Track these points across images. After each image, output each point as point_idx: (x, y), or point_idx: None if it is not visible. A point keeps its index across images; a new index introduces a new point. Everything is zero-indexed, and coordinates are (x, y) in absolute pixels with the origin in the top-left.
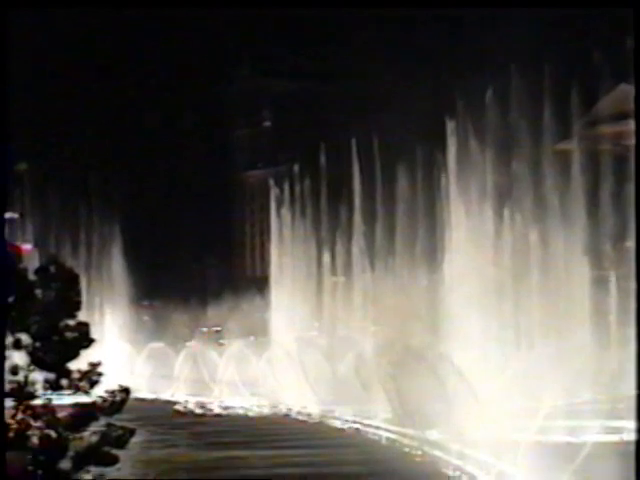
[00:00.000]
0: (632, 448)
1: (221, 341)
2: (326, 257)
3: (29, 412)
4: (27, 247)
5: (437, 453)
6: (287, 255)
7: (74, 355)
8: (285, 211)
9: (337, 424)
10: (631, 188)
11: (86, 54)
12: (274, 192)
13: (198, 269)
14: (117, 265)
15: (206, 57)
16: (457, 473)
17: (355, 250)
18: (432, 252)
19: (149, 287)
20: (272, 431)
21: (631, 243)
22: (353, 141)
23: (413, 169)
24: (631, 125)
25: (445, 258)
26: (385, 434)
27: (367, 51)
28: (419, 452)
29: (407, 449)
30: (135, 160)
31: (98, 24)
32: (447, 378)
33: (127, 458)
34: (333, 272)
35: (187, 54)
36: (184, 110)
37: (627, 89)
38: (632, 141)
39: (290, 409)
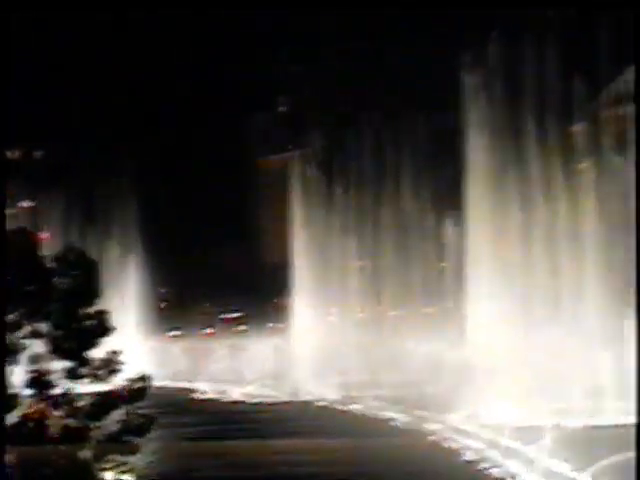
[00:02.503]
0: None
1: (240, 327)
2: (346, 242)
3: (49, 401)
4: (45, 235)
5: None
6: (307, 240)
7: (94, 343)
8: (304, 196)
9: (359, 409)
10: None
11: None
12: (293, 177)
13: (215, 256)
14: (133, 251)
15: (220, 40)
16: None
17: (375, 235)
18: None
19: (166, 273)
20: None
21: None
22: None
23: (434, 149)
24: None
25: (467, 238)
26: (403, 418)
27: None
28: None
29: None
30: (150, 147)
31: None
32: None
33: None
34: (353, 257)
35: (200, 38)
36: (197, 95)
37: None
38: None
39: (310, 396)
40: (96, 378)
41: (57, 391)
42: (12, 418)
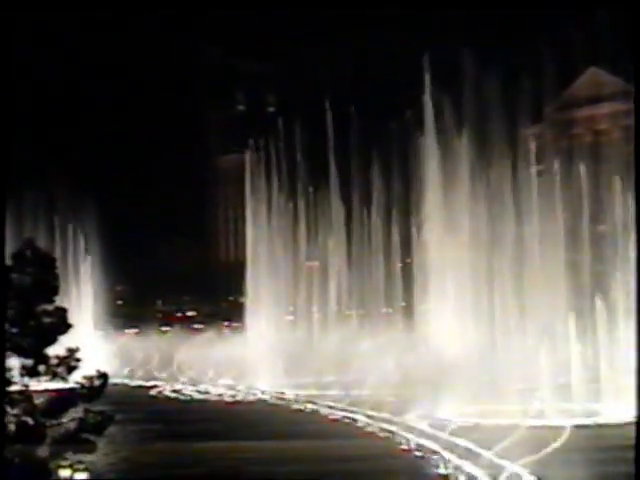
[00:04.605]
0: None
1: (196, 326)
2: (302, 242)
3: (6, 399)
4: None
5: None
6: (262, 240)
7: (51, 340)
8: (261, 195)
9: (315, 409)
10: (603, 171)
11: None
12: (249, 177)
13: (172, 254)
14: (90, 249)
15: (179, 38)
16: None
17: (332, 234)
18: (407, 236)
19: (123, 271)
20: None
21: (604, 227)
22: (329, 124)
23: (390, 150)
24: (602, 109)
25: (420, 241)
26: (362, 418)
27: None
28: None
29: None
30: (108, 143)
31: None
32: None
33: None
34: (308, 257)
35: (160, 35)
36: (158, 92)
37: (597, 72)
38: (603, 125)
39: (266, 394)
40: (54, 376)
41: (14, 388)
42: None
